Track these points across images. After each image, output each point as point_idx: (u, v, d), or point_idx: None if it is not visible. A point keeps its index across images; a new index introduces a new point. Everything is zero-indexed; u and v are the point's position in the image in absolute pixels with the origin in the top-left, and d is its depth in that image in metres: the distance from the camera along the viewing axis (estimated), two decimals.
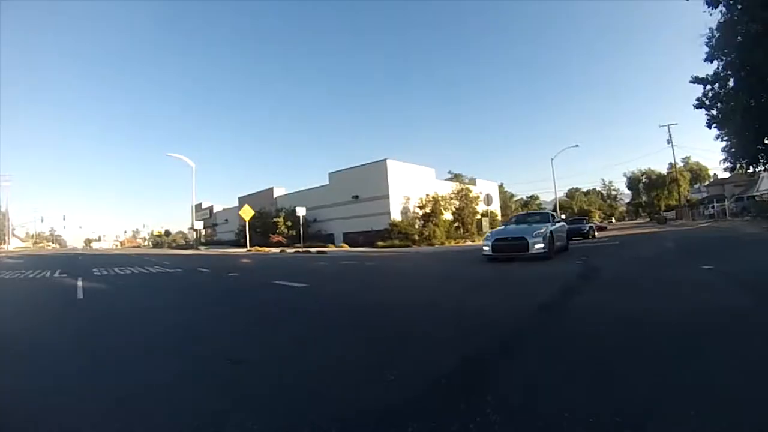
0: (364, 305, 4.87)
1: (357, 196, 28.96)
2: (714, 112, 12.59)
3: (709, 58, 11.46)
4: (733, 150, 14.45)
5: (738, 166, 17.03)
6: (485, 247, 10.22)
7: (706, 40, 11.30)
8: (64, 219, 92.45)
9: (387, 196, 27.27)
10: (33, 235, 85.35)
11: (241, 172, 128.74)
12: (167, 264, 14.44)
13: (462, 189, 30.25)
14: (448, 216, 28.65)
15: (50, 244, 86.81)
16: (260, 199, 37.79)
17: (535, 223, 10.89)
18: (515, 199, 65.43)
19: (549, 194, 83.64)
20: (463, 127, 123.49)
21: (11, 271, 12.73)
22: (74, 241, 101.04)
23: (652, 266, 7.69)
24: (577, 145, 75.26)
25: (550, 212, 12.76)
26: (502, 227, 12.23)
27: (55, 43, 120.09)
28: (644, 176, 69.72)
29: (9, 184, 50.31)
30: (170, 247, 55.90)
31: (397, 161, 29.07)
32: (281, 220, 31.15)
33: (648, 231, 24.77)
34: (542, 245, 9.31)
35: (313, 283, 7.26)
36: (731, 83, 11.39)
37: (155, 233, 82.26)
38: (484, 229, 26.95)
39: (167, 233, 79.37)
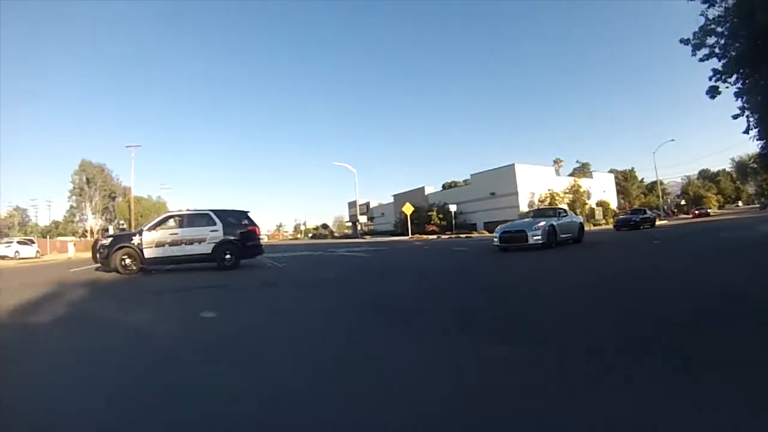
0: (487, 250, 12.95)
1: (493, 193, 36.49)
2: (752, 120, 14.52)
3: (712, 93, 14.21)
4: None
5: None
6: (495, 239, 12.20)
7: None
8: None
9: (516, 193, 34.17)
10: None
11: (381, 170, 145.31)
12: (370, 247, 21.15)
13: (573, 185, 35.02)
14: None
15: None
16: (414, 196, 47.04)
17: (542, 218, 12.57)
18: (644, 183, 64.16)
19: (676, 177, 78.09)
20: (595, 115, 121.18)
21: (284, 253, 19.02)
22: None
23: (624, 244, 13.48)
24: (672, 140, 67.93)
25: (562, 208, 14.79)
26: (511, 222, 14.19)
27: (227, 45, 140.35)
28: (752, 160, 60.07)
29: (169, 191, 67.86)
30: (333, 237, 66.30)
31: (523, 164, 35.57)
32: (434, 213, 40.52)
33: (726, 218, 26.21)
34: (539, 237, 10.95)
35: (472, 249, 15.37)
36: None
37: (311, 227, 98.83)
38: (596, 217, 31.88)
39: (324, 226, 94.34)
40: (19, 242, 31.38)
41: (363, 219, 60.38)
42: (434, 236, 34.24)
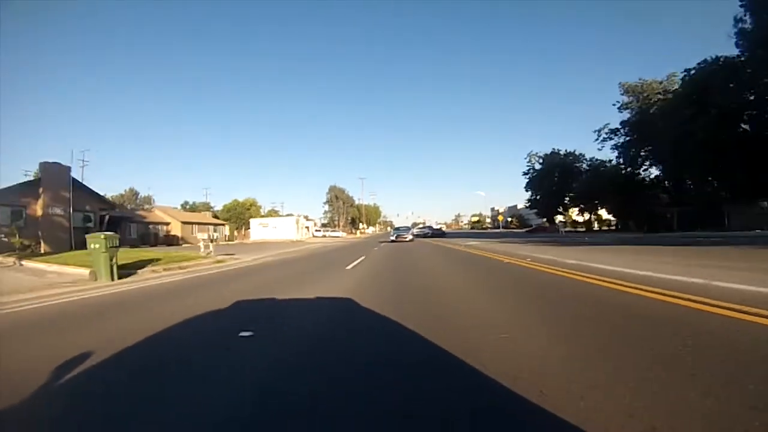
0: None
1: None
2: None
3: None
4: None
5: None
6: (391, 237, 28.34)
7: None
8: (412, 213, 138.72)
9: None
10: (379, 222, 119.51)
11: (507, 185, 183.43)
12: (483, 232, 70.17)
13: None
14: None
15: (388, 228, 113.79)
16: (513, 209, 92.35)
17: (408, 228, 32.40)
18: None
19: None
20: None
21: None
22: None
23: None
24: None
25: (411, 225, 48.17)
26: (398, 228, 33.23)
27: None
28: None
29: (375, 197, 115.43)
30: (482, 229, 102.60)
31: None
32: (513, 219, 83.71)
33: None
34: (411, 237, 28.06)
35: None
36: None
37: (474, 220, 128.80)
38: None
39: (479, 221, 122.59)
40: (341, 230, 67.02)
41: (488, 221, 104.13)
42: (507, 229, 77.21)
